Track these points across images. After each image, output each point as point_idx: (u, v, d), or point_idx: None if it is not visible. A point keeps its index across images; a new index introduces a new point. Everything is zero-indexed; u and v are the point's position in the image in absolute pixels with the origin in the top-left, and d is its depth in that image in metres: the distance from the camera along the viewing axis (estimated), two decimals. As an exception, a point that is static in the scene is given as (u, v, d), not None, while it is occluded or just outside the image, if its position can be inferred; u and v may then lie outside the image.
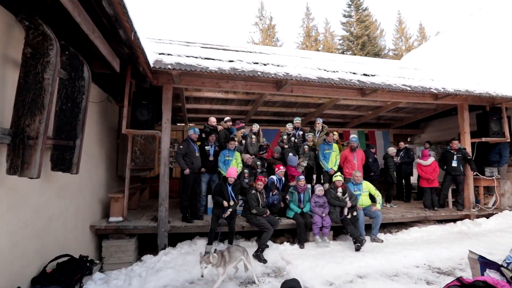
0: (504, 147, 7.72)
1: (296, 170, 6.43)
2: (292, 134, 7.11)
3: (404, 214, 6.38)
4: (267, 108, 8.94)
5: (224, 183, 5.03)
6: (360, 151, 6.83)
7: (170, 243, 5.51)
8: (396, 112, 9.92)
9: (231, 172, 5.05)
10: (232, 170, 5.09)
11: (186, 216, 5.35)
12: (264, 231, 5.01)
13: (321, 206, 5.77)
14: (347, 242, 5.78)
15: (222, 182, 5.08)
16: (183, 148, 5.44)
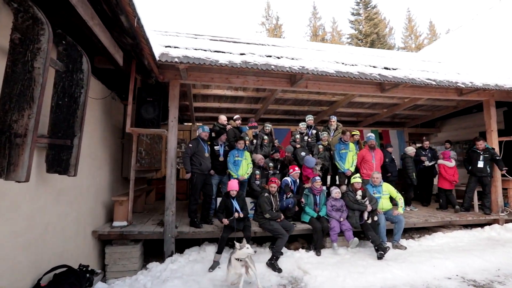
0: None
1: (312, 172, 6.04)
2: (305, 133, 6.72)
3: (428, 218, 5.93)
4: (277, 106, 8.56)
5: (227, 198, 4.68)
6: (378, 151, 6.40)
7: (177, 249, 5.18)
8: (412, 110, 9.44)
9: (232, 185, 4.68)
10: (232, 183, 4.73)
11: (194, 221, 5.01)
12: (278, 237, 4.63)
13: (338, 210, 5.37)
14: (366, 248, 5.37)
15: (225, 197, 4.72)
16: (192, 147, 5.10)
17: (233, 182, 4.72)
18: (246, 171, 5.68)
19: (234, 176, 5.55)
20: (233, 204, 4.62)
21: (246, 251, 3.77)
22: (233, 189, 4.64)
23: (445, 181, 6.93)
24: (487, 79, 5.97)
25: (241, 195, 4.82)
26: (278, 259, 4.49)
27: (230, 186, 4.69)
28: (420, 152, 7.63)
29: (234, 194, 4.64)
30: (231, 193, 4.63)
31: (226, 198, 4.69)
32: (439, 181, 7.14)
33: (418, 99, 7.71)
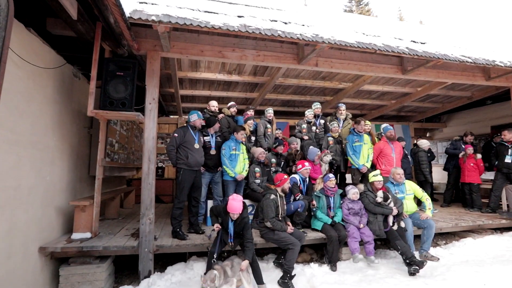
0: None
1: (318, 168, 5.07)
2: (312, 122, 5.73)
3: (458, 222, 5.03)
4: (276, 95, 7.56)
5: (225, 214, 3.47)
6: (398, 143, 5.48)
7: (158, 266, 4.11)
8: (422, 102, 8.64)
9: (234, 207, 3.35)
10: (235, 204, 3.36)
11: (178, 231, 3.92)
12: (288, 248, 3.63)
13: (356, 214, 4.40)
14: (390, 260, 4.43)
15: (223, 210, 3.51)
16: (178, 136, 4.03)
17: (236, 203, 3.35)
18: (244, 167, 4.65)
19: (231, 174, 4.51)
20: (229, 225, 3.44)
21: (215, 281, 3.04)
22: (234, 212, 3.34)
23: (473, 173, 6.15)
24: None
25: (244, 220, 3.47)
26: (292, 277, 3.49)
27: (232, 207, 3.34)
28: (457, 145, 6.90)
29: (235, 218, 3.41)
30: (231, 215, 3.40)
31: (224, 214, 3.50)
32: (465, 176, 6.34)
33: (434, 87, 6.87)
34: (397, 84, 7.02)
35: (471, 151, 6.44)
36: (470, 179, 6.34)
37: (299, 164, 4.59)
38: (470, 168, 6.34)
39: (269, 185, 4.06)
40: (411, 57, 4.38)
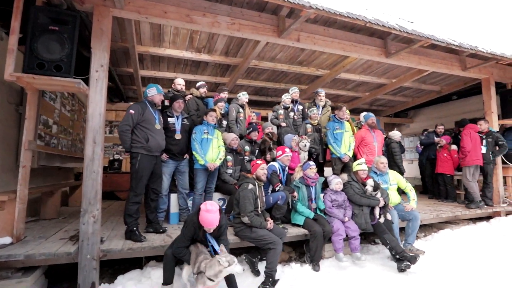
0: None
1: (296, 157, 4.57)
2: (290, 108, 5.22)
3: (438, 213, 4.86)
4: (249, 81, 6.98)
5: (198, 228, 2.68)
6: (379, 132, 5.19)
7: (107, 274, 3.32)
8: (393, 95, 8.64)
9: (208, 221, 2.59)
10: (211, 217, 2.59)
11: (133, 231, 3.16)
12: (269, 248, 3.05)
13: (340, 206, 3.98)
14: (374, 256, 4.08)
15: (196, 225, 2.67)
16: (135, 114, 3.25)
17: (211, 215, 2.58)
18: (218, 155, 3.99)
19: (201, 161, 3.82)
20: (207, 239, 2.72)
21: (235, 268, 2.45)
22: (211, 226, 2.64)
23: (447, 164, 6.15)
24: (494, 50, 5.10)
25: (222, 227, 2.80)
26: (275, 282, 2.93)
27: (207, 221, 2.59)
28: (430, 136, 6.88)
29: (210, 232, 2.71)
30: (205, 229, 2.67)
31: (198, 230, 2.69)
32: (438, 167, 6.30)
33: (409, 78, 6.80)
34: (374, 74, 6.83)
35: (443, 142, 6.42)
36: (443, 170, 6.33)
37: (279, 150, 4.03)
38: (443, 158, 6.32)
39: (245, 173, 3.44)
40: (398, 35, 4.06)
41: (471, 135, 5.67)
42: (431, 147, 6.80)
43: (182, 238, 2.70)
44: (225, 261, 2.41)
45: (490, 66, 5.87)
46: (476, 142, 5.63)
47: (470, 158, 5.60)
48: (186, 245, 2.69)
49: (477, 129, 5.77)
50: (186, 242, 2.69)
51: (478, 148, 5.63)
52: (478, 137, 5.69)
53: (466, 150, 5.64)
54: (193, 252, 2.68)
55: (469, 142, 5.63)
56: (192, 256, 2.66)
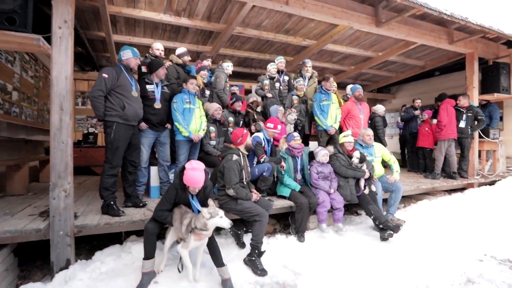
0: (495, 108, 6.90)
1: (283, 129, 4.44)
2: (275, 78, 5.00)
3: (418, 185, 4.99)
4: (232, 50, 6.62)
5: (182, 190, 2.57)
6: (366, 104, 5.13)
7: (84, 250, 3.16)
8: (378, 70, 8.58)
9: (193, 179, 2.48)
10: (195, 175, 2.48)
11: (111, 205, 2.96)
12: (255, 220, 2.97)
13: (326, 178, 3.94)
14: (357, 226, 4.16)
15: (177, 187, 2.57)
16: (108, 78, 2.92)
17: (196, 173, 2.47)
18: (201, 126, 3.77)
19: (185, 133, 3.59)
20: (192, 203, 2.59)
21: (219, 221, 2.43)
22: (196, 185, 2.51)
23: (427, 138, 6.31)
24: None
25: (207, 189, 2.70)
26: (261, 254, 2.87)
27: (192, 179, 2.47)
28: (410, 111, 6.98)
29: (194, 193, 2.59)
30: (190, 190, 2.56)
31: (181, 191, 2.57)
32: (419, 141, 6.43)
33: (396, 51, 6.71)
34: (361, 46, 6.66)
35: (425, 117, 6.51)
36: (423, 144, 6.46)
37: (271, 123, 3.80)
38: (424, 133, 6.43)
39: (228, 144, 3.26)
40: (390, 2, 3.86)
41: (448, 109, 5.78)
42: (412, 122, 6.88)
43: (164, 201, 2.58)
44: (207, 213, 2.38)
45: (476, 41, 5.86)
46: (452, 116, 5.75)
47: (446, 132, 5.74)
48: (168, 208, 2.56)
49: (454, 104, 5.88)
50: (168, 205, 2.56)
51: (453, 122, 5.76)
52: (454, 112, 5.81)
53: (442, 124, 5.77)
54: (177, 213, 2.55)
55: (445, 116, 5.74)
56: (176, 217, 2.53)
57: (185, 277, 2.58)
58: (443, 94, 6.56)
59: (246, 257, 2.92)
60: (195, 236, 2.44)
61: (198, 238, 2.45)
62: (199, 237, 2.45)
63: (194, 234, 2.43)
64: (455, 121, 5.80)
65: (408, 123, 7.00)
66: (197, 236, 2.44)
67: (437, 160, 5.87)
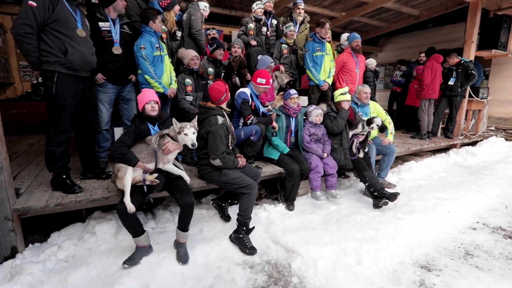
0: (478, 66, 6.64)
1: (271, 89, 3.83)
2: (263, 21, 4.21)
3: (409, 146, 4.79)
4: (209, -14, 5.51)
5: (141, 122, 2.33)
6: (362, 57, 4.58)
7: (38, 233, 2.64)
8: (370, 18, 7.84)
9: (146, 95, 2.33)
10: (147, 93, 2.36)
11: (62, 180, 2.37)
12: (242, 192, 2.55)
13: (318, 141, 3.54)
14: (347, 191, 3.96)
15: (136, 121, 2.33)
16: (37, 7, 2.07)
17: (147, 92, 2.33)
18: (172, 77, 3.08)
19: (159, 89, 2.92)
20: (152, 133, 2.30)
21: (184, 138, 2.24)
22: (151, 99, 2.28)
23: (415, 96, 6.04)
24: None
25: (165, 116, 2.49)
26: (250, 231, 2.53)
27: (144, 97, 2.30)
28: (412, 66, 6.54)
29: (155, 114, 2.30)
30: (148, 111, 2.28)
31: (139, 122, 2.30)
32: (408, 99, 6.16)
33: None
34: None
35: (415, 73, 6.16)
36: (411, 102, 6.22)
37: (261, 77, 3.13)
38: (413, 90, 6.13)
39: (206, 103, 2.66)
40: None
41: (433, 67, 5.46)
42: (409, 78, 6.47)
43: (122, 137, 2.22)
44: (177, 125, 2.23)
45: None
46: (436, 75, 5.45)
47: (427, 91, 5.52)
48: (128, 143, 2.19)
49: (441, 60, 5.54)
50: (127, 140, 2.20)
51: (436, 81, 5.49)
52: (439, 69, 5.51)
53: (424, 84, 5.49)
54: (138, 146, 2.23)
55: (428, 75, 5.45)
56: (138, 149, 2.22)
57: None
58: (431, 48, 6.15)
59: (232, 233, 2.57)
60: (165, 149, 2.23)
61: (168, 150, 2.24)
62: (168, 149, 2.24)
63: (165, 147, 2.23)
64: (440, 79, 5.52)
65: (409, 80, 6.57)
66: (166, 148, 2.23)
67: (421, 121, 5.69)
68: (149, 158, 2.19)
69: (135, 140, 2.23)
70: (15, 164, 3.21)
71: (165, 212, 3.03)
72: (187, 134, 2.21)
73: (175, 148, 2.27)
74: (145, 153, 2.18)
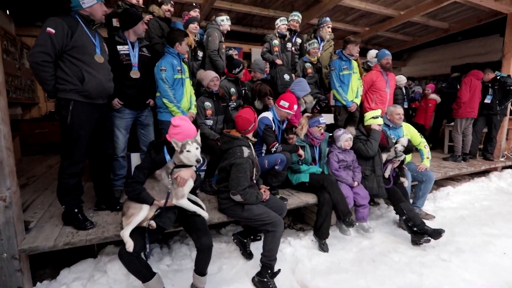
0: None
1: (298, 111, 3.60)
2: (287, 38, 4.04)
3: (446, 171, 4.36)
4: (230, 4, 5.49)
5: (157, 152, 2.09)
6: (393, 75, 4.29)
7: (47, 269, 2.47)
8: (395, 33, 7.54)
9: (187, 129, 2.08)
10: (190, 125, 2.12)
11: (74, 214, 2.20)
12: (267, 230, 2.28)
13: (348, 168, 3.24)
14: (379, 221, 3.58)
15: (152, 152, 2.08)
16: (56, 34, 1.97)
17: (190, 123, 2.14)
18: (192, 100, 2.93)
19: (177, 112, 2.76)
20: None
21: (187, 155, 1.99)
22: (194, 134, 2.10)
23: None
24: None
25: None
26: (275, 274, 2.24)
27: (190, 132, 2.07)
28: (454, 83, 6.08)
29: None
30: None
31: (155, 153, 2.08)
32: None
33: (421, 10, 5.70)
34: (383, 2, 5.60)
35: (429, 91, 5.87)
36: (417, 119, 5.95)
37: (285, 100, 2.92)
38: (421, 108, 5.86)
39: (231, 131, 2.45)
40: None
41: (472, 83, 5.00)
42: (450, 95, 5.96)
43: (136, 172, 2.00)
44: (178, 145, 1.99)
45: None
46: (475, 92, 5.00)
47: (464, 110, 5.06)
48: (141, 179, 1.99)
49: (480, 76, 5.10)
50: (141, 176, 1.99)
51: (476, 99, 5.04)
52: (479, 86, 5.04)
53: (461, 101, 5.03)
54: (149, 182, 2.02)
55: (467, 92, 5.00)
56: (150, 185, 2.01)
57: None
58: (469, 65, 5.76)
59: (255, 276, 2.29)
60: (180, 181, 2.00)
61: (182, 180, 2.00)
62: (182, 179, 2.00)
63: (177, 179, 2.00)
64: (479, 97, 5.06)
65: (446, 96, 6.11)
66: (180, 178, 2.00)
67: (455, 142, 5.24)
68: (161, 194, 1.98)
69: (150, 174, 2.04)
70: (30, 190, 3.13)
71: (182, 246, 2.79)
72: (189, 151, 1.97)
73: (189, 175, 2.04)
74: (156, 189, 1.98)
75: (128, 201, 1.98)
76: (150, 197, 1.92)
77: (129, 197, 1.96)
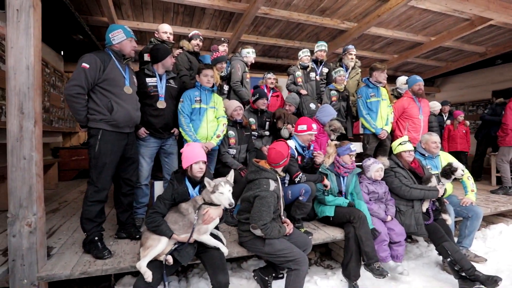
0: None
1: (324, 138, 3.49)
2: (310, 68, 4.04)
3: (497, 206, 3.87)
4: (256, 37, 5.70)
5: (179, 182, 2.16)
6: (426, 102, 4.05)
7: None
8: (426, 59, 7.33)
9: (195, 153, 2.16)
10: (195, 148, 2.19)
11: (95, 243, 2.19)
12: (289, 267, 2.10)
13: (379, 200, 2.98)
14: (417, 262, 3.19)
15: (174, 181, 2.16)
16: (90, 69, 2.11)
17: (196, 148, 2.18)
18: (215, 131, 2.93)
19: (188, 139, 2.79)
20: (192, 195, 2.13)
21: (218, 196, 1.96)
22: (200, 159, 2.12)
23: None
24: None
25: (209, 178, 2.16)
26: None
27: (193, 154, 2.13)
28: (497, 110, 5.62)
29: (201, 175, 2.13)
30: (195, 173, 2.12)
31: (177, 184, 2.11)
32: None
33: (454, 35, 5.50)
34: (411, 29, 5.51)
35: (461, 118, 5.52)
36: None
37: (301, 124, 2.87)
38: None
39: (260, 161, 2.37)
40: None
41: None
42: (494, 122, 5.51)
43: (158, 203, 2.00)
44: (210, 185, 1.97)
45: None
46: None
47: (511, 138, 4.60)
48: (162, 211, 1.98)
49: None
50: (162, 207, 1.99)
51: None
52: None
53: (508, 128, 4.60)
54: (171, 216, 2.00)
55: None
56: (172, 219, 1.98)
57: None
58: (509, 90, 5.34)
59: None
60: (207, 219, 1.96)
61: (211, 218, 1.96)
62: (211, 217, 1.96)
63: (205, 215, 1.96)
64: None
65: (487, 124, 5.71)
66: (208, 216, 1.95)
67: (502, 171, 4.74)
68: (184, 230, 1.93)
69: (172, 205, 2.01)
70: (59, 216, 3.23)
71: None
72: (222, 193, 1.94)
73: (217, 215, 1.99)
74: (180, 224, 1.93)
75: (147, 231, 1.94)
76: (169, 230, 1.88)
77: (148, 228, 1.93)
